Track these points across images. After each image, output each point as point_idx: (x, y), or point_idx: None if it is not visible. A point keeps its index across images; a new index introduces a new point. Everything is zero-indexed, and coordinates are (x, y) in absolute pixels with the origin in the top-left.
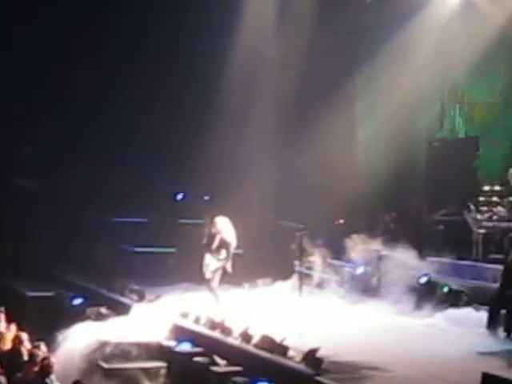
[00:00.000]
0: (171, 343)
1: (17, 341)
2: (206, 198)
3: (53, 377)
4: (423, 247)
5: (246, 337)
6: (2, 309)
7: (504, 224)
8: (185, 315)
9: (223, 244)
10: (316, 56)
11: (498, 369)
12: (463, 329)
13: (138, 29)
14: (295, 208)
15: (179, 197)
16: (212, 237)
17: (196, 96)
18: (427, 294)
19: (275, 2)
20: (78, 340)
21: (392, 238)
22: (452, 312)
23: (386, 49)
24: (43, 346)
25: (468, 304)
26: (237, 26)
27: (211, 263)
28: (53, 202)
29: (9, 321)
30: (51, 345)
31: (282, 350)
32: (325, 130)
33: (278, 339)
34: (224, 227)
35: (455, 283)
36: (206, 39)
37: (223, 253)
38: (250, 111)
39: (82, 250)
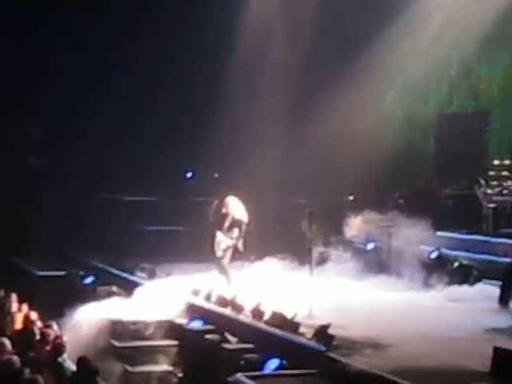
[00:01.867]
0: (182, 321)
1: (28, 321)
2: (216, 175)
3: (65, 356)
4: (433, 222)
5: (257, 314)
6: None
7: None
8: (196, 293)
9: (235, 223)
10: (328, 29)
11: (509, 343)
12: (474, 303)
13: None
14: (305, 185)
15: (189, 175)
16: (223, 216)
17: (205, 73)
18: (437, 269)
19: None
20: (89, 319)
21: (402, 213)
22: (462, 286)
23: (399, 21)
24: (55, 326)
25: (478, 279)
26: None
27: (223, 241)
28: (64, 181)
29: (20, 301)
30: (63, 324)
31: (293, 326)
32: (335, 107)
33: (289, 316)
34: (234, 207)
35: (465, 258)
36: (215, 15)
37: (236, 231)
38: (259, 88)
39: (93, 228)
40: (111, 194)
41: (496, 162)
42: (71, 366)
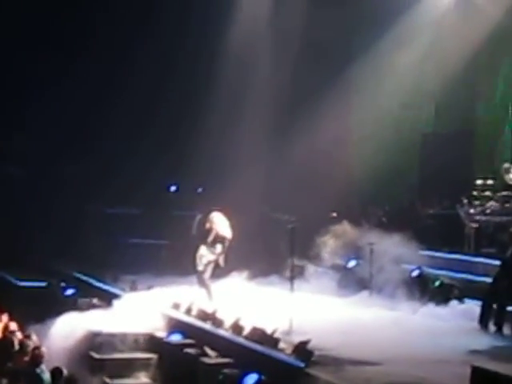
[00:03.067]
0: (162, 334)
1: (7, 331)
2: (199, 190)
3: (43, 366)
4: (416, 240)
5: (236, 328)
6: None
7: (496, 218)
8: (176, 306)
9: (219, 238)
10: (310, 48)
11: (487, 363)
12: (454, 323)
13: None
14: (288, 201)
15: (173, 189)
16: (206, 231)
17: (189, 87)
18: (419, 288)
19: None
20: (68, 330)
21: (384, 231)
22: (443, 306)
23: (380, 43)
24: (34, 336)
25: (459, 298)
26: (232, 16)
27: (205, 256)
28: (46, 192)
29: (0, 311)
30: (42, 335)
31: (273, 341)
32: (318, 123)
33: (268, 331)
34: (219, 222)
35: (447, 277)
36: (201, 31)
37: (219, 247)
38: (243, 104)
39: (74, 240)
40: (94, 206)
41: (479, 182)
42: (49, 377)
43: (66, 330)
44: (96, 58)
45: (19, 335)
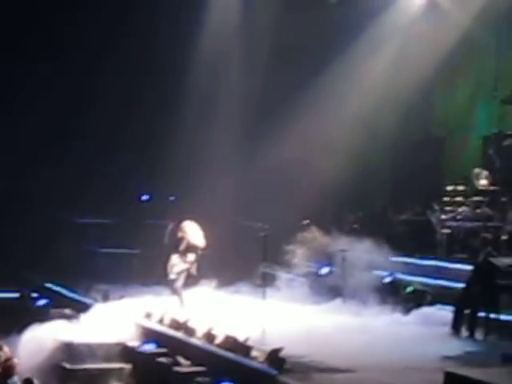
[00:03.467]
0: (135, 344)
1: None
2: (171, 198)
3: (15, 378)
4: (388, 247)
5: (209, 337)
6: None
7: (468, 224)
8: (149, 316)
9: (191, 247)
10: (282, 54)
11: (460, 368)
12: (427, 328)
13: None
14: (260, 209)
15: (145, 198)
16: (178, 240)
17: (161, 95)
18: (391, 294)
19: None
20: (41, 341)
21: (356, 237)
22: (416, 312)
23: (350, 50)
24: (6, 347)
25: (432, 304)
26: (201, 24)
27: (177, 265)
28: (17, 202)
29: None
30: (14, 346)
31: (245, 349)
32: (290, 130)
33: (241, 339)
34: (191, 231)
35: (419, 283)
36: (170, 40)
37: (191, 256)
38: (215, 112)
39: (46, 250)
40: (66, 216)
41: (450, 188)
42: None
43: (37, 341)
44: (68, 65)
45: None
